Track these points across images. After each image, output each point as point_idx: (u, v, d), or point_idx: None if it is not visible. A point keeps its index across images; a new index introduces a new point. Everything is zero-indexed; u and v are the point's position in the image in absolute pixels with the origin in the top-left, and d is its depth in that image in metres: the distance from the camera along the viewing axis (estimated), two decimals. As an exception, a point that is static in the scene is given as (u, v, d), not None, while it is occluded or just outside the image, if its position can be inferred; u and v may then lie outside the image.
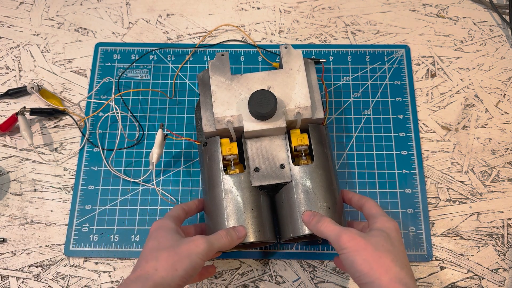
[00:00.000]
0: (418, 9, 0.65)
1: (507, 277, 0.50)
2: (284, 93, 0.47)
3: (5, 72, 0.61)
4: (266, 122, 0.46)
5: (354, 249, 0.39)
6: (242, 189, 0.46)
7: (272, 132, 0.47)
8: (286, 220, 0.46)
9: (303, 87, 0.47)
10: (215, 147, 0.47)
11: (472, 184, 0.54)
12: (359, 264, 0.38)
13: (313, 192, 0.45)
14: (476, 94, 0.59)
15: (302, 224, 0.44)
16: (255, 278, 0.51)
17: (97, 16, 0.65)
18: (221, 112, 0.46)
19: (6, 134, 0.58)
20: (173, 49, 0.62)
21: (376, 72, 0.61)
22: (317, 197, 0.45)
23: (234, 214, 0.45)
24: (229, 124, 0.46)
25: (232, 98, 0.47)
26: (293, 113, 0.46)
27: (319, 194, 0.45)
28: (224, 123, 0.46)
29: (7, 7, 0.66)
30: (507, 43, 0.62)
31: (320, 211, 0.44)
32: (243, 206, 0.45)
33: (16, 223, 0.53)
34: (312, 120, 0.48)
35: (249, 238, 0.44)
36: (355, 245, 0.39)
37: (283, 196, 0.47)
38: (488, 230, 0.52)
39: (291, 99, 0.47)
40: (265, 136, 0.48)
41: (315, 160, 0.47)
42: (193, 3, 0.66)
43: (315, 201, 0.45)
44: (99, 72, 0.61)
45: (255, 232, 0.45)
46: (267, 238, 0.45)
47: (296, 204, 0.45)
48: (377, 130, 0.57)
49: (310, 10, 0.65)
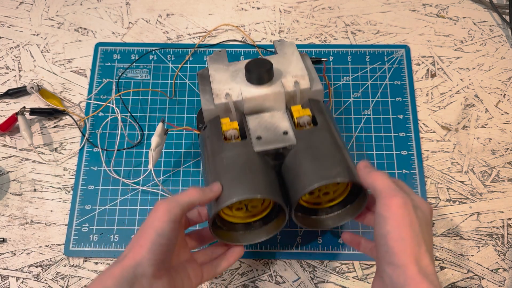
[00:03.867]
0: (418, 9, 0.65)
1: (507, 277, 0.50)
2: (281, 68, 0.48)
3: (5, 72, 0.61)
4: (265, 87, 0.45)
5: (398, 220, 0.34)
6: (243, 154, 0.42)
7: (272, 103, 0.46)
8: (295, 180, 0.41)
9: (299, 63, 0.48)
10: (215, 125, 0.46)
11: (472, 184, 0.54)
12: (394, 240, 0.33)
13: (321, 149, 0.42)
14: (476, 94, 0.59)
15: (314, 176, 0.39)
16: (255, 278, 0.51)
17: (97, 16, 0.65)
18: (220, 87, 0.46)
19: (6, 134, 0.58)
20: (173, 49, 0.62)
21: (376, 72, 0.61)
22: (327, 154, 0.41)
23: (229, 173, 0.41)
24: (228, 97, 0.45)
25: (230, 77, 0.47)
26: (291, 83, 0.46)
27: (328, 151, 0.41)
28: (223, 97, 0.46)
29: (7, 7, 0.66)
30: (507, 43, 0.62)
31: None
32: (243, 166, 0.41)
33: (16, 223, 0.53)
34: (312, 93, 0.47)
35: (244, 195, 0.39)
36: (402, 216, 0.34)
37: (290, 162, 0.43)
38: (488, 230, 0.52)
39: (288, 72, 0.47)
40: (266, 110, 0.47)
41: (319, 124, 0.44)
42: (193, 3, 0.66)
43: (324, 157, 0.41)
44: (99, 72, 0.61)
45: (253, 190, 0.39)
46: (271, 196, 0.39)
47: (305, 164, 0.41)
48: (377, 130, 0.57)
49: (310, 10, 0.65)
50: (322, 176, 0.39)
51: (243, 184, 0.40)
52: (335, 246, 0.51)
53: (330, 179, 0.39)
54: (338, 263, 0.51)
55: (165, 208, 0.36)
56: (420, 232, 0.34)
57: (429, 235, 0.35)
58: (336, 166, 0.40)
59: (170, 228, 0.36)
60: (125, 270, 0.34)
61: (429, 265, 0.34)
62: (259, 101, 0.45)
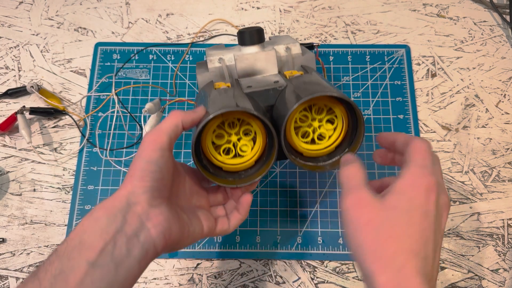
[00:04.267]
0: (418, 9, 0.65)
1: (508, 278, 0.50)
2: (273, 42, 0.48)
3: (5, 72, 0.61)
4: (257, 47, 0.45)
5: (354, 221, 0.30)
6: (232, 91, 0.42)
7: (264, 63, 0.45)
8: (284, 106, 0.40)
9: (290, 39, 0.49)
10: (208, 85, 0.45)
11: (473, 184, 0.54)
12: (356, 245, 0.29)
13: (311, 83, 0.41)
14: (477, 94, 0.59)
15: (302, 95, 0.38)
16: (255, 278, 0.50)
17: (97, 15, 0.65)
18: (214, 52, 0.46)
19: (6, 134, 0.58)
20: (172, 48, 0.62)
21: (376, 72, 0.60)
22: (317, 83, 0.40)
23: (216, 101, 0.39)
24: (221, 61, 0.46)
25: (225, 50, 0.48)
26: (283, 50, 0.46)
27: (318, 82, 0.41)
28: (217, 61, 0.46)
29: (7, 7, 0.65)
30: (507, 43, 0.62)
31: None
32: (230, 96, 0.40)
33: (15, 223, 0.53)
34: (304, 59, 0.47)
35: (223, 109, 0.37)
36: (357, 215, 0.30)
37: (279, 100, 0.41)
38: (489, 230, 0.52)
39: (280, 43, 0.48)
40: (258, 73, 0.46)
41: (310, 72, 0.44)
42: (192, 2, 0.66)
43: (314, 84, 0.40)
44: (98, 72, 0.61)
45: (233, 105, 0.37)
46: (251, 111, 0.37)
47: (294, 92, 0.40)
48: (377, 130, 0.57)
49: (310, 10, 0.65)
50: (312, 92, 0.38)
51: (225, 102, 0.38)
52: (335, 246, 0.51)
53: (319, 93, 0.37)
54: (338, 263, 0.51)
55: (150, 139, 0.35)
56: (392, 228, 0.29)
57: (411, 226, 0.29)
58: (325, 88, 0.39)
59: (158, 155, 0.34)
60: (117, 200, 0.33)
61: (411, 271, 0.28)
62: (251, 61, 0.45)
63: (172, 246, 0.35)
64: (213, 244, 0.52)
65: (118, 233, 0.32)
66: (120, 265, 0.31)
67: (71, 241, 0.31)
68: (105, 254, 0.31)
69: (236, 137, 0.41)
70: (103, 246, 0.31)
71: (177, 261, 0.51)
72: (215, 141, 0.41)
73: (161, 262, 0.52)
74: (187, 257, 0.52)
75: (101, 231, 0.31)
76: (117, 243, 0.31)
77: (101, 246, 0.31)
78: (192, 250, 0.52)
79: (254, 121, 0.40)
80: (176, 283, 0.50)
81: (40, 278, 0.30)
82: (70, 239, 0.31)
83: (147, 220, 0.33)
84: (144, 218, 0.33)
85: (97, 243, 0.31)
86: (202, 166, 0.40)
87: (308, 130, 0.42)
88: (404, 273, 0.27)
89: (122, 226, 0.32)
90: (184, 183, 0.40)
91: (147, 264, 0.33)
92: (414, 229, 0.29)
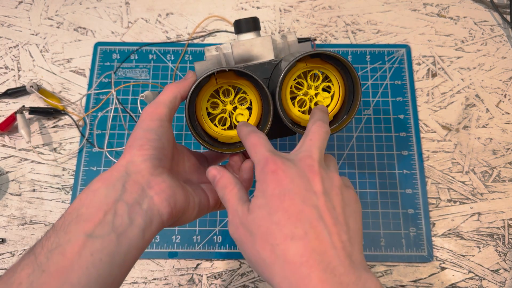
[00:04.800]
0: (418, 9, 0.65)
1: (508, 278, 0.50)
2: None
3: (4, 71, 0.61)
4: (252, 34, 0.46)
5: (238, 241, 0.30)
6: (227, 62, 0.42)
7: (260, 49, 0.45)
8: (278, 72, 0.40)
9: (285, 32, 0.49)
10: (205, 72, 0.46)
11: (473, 185, 0.54)
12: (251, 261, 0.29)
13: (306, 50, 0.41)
14: (477, 94, 0.59)
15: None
16: (255, 279, 0.50)
17: (96, 15, 0.65)
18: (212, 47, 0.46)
19: (5, 134, 0.57)
20: (172, 48, 0.62)
21: (377, 71, 0.60)
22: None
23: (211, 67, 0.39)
24: (218, 50, 0.46)
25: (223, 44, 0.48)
26: (279, 37, 0.46)
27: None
28: (214, 50, 0.46)
29: (6, 7, 0.65)
30: (507, 42, 0.62)
31: None
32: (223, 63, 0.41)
33: (15, 224, 0.53)
34: (300, 47, 0.47)
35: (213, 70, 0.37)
36: (237, 237, 0.30)
37: (274, 73, 0.42)
38: (489, 230, 0.52)
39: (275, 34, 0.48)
40: (255, 59, 0.46)
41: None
42: (192, 2, 0.66)
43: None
44: (98, 71, 0.61)
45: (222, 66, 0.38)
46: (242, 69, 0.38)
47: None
48: (378, 130, 0.57)
49: (310, 9, 0.65)
50: (303, 52, 0.38)
51: (216, 66, 0.38)
52: (335, 246, 0.51)
53: (311, 52, 0.38)
54: (339, 263, 0.51)
55: (148, 110, 0.35)
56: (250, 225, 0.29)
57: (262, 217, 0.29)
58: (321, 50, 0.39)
59: (157, 125, 0.34)
60: (116, 170, 0.32)
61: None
62: (247, 46, 0.45)
63: (178, 215, 0.33)
64: (213, 245, 0.52)
65: (118, 202, 0.30)
66: (122, 235, 0.30)
67: (68, 215, 0.30)
68: (104, 225, 0.29)
69: (232, 106, 0.41)
70: (102, 217, 0.30)
71: (177, 261, 0.51)
72: (210, 110, 0.40)
73: (160, 262, 0.51)
74: (187, 257, 0.51)
75: (100, 203, 0.30)
76: (118, 212, 0.30)
77: (100, 217, 0.29)
78: (192, 250, 0.52)
79: (249, 89, 0.40)
80: (175, 283, 0.50)
81: (36, 253, 0.29)
82: (67, 214, 0.30)
83: (149, 188, 0.32)
84: (146, 186, 0.32)
85: (96, 215, 0.30)
86: (198, 136, 0.39)
87: (304, 99, 0.42)
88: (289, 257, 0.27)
89: (122, 194, 0.31)
90: (184, 162, 0.39)
91: (152, 235, 0.32)
92: (278, 215, 0.28)
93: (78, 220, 0.29)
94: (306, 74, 0.41)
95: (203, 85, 0.39)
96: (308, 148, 0.32)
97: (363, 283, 0.26)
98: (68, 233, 0.29)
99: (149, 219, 0.31)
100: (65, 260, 0.28)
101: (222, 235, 0.52)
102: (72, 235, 0.29)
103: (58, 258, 0.28)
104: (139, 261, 0.51)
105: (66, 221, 0.30)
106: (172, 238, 0.52)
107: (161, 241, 0.52)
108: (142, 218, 0.31)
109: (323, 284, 0.25)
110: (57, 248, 0.28)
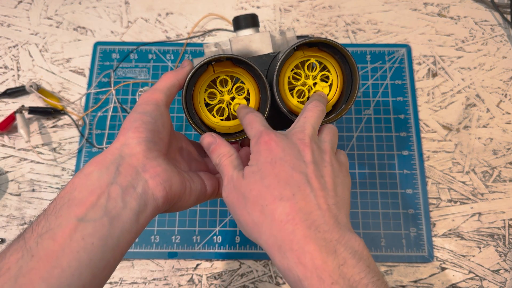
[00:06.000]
0: (419, 9, 0.65)
1: (508, 278, 0.50)
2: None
3: (4, 71, 0.61)
4: (251, 29, 0.46)
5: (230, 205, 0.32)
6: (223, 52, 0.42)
7: (259, 45, 0.45)
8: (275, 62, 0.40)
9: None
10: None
11: (474, 185, 0.54)
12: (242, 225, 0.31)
13: None
14: (478, 94, 0.59)
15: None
16: (255, 279, 0.50)
17: (96, 15, 0.65)
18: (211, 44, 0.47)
19: (5, 134, 0.57)
20: (172, 48, 0.62)
21: (377, 71, 0.60)
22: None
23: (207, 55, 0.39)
24: (217, 46, 0.46)
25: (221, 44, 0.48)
26: (278, 33, 0.46)
27: None
28: (213, 46, 0.46)
29: (6, 6, 0.65)
30: (508, 42, 0.62)
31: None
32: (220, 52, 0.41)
33: (14, 224, 0.53)
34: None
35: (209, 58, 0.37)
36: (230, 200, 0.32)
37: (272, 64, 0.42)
38: (490, 230, 0.52)
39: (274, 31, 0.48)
40: (253, 55, 0.46)
41: None
42: (192, 2, 0.66)
43: None
44: (98, 71, 0.60)
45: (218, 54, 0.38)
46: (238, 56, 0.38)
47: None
48: (378, 130, 0.57)
49: (310, 9, 0.65)
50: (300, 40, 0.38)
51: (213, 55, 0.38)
52: (335, 246, 0.51)
53: (308, 39, 0.38)
54: (339, 264, 0.50)
55: (144, 96, 0.35)
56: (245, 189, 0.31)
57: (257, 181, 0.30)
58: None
59: (153, 108, 0.34)
60: (110, 153, 0.31)
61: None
62: (245, 42, 0.45)
63: (173, 201, 0.33)
64: (213, 245, 0.52)
65: (111, 185, 0.30)
66: (115, 218, 0.29)
67: (60, 199, 0.29)
68: (97, 208, 0.29)
69: (229, 96, 0.40)
70: (95, 200, 0.29)
71: (177, 262, 0.51)
72: (208, 101, 0.40)
73: (160, 262, 0.51)
74: (186, 257, 0.51)
75: (93, 186, 0.30)
76: (111, 195, 0.29)
77: (93, 200, 0.29)
78: (192, 250, 0.51)
79: (246, 78, 0.40)
80: (175, 283, 0.50)
81: (26, 238, 0.28)
82: (59, 198, 0.30)
83: (143, 171, 0.31)
84: (141, 169, 0.31)
85: (88, 198, 0.29)
86: (195, 124, 0.39)
87: (303, 89, 0.41)
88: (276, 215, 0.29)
89: (116, 177, 0.30)
90: (182, 149, 0.39)
91: (147, 220, 0.31)
92: (269, 179, 0.30)
93: (70, 204, 0.29)
94: (303, 64, 0.41)
95: (200, 74, 0.39)
96: (301, 125, 0.33)
97: (346, 241, 0.27)
98: (59, 217, 0.28)
99: (143, 202, 0.31)
100: (55, 244, 0.27)
101: (222, 235, 0.52)
102: (63, 219, 0.28)
103: (48, 242, 0.27)
104: (138, 262, 0.51)
105: (58, 205, 0.29)
106: (172, 238, 0.52)
107: (161, 241, 0.52)
108: (136, 201, 0.30)
109: (306, 239, 0.27)
110: (47, 233, 0.28)
